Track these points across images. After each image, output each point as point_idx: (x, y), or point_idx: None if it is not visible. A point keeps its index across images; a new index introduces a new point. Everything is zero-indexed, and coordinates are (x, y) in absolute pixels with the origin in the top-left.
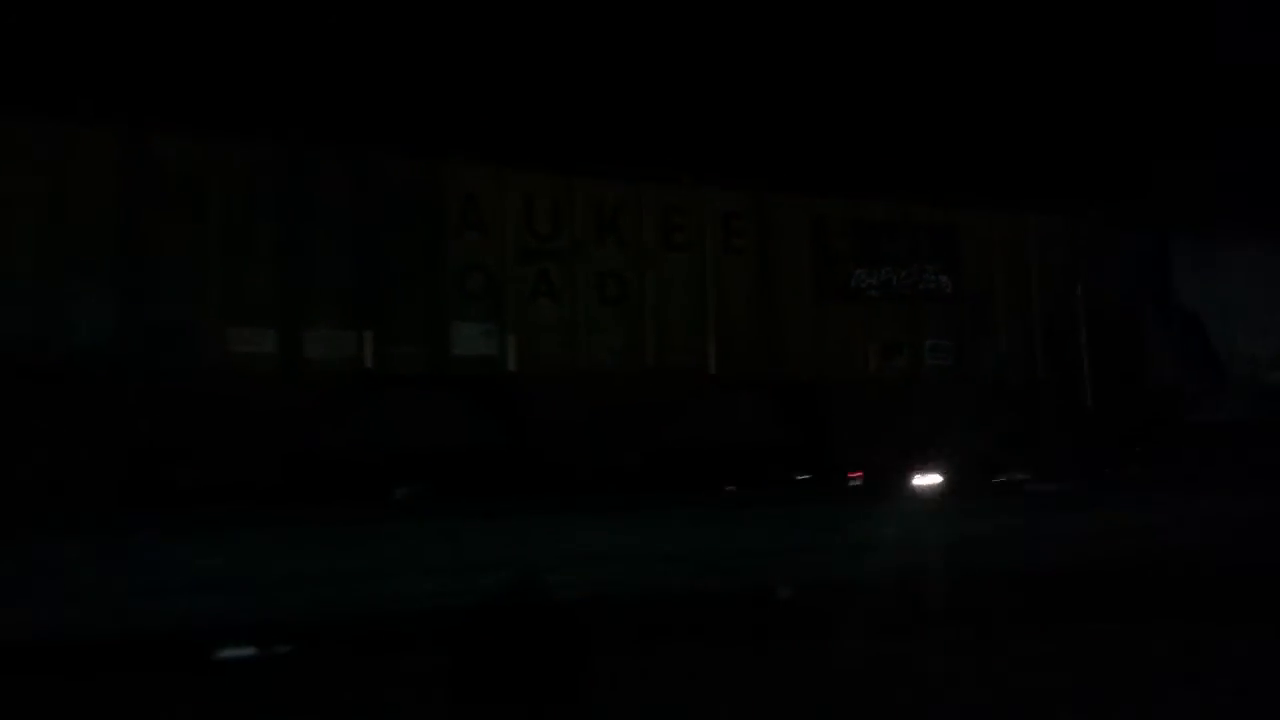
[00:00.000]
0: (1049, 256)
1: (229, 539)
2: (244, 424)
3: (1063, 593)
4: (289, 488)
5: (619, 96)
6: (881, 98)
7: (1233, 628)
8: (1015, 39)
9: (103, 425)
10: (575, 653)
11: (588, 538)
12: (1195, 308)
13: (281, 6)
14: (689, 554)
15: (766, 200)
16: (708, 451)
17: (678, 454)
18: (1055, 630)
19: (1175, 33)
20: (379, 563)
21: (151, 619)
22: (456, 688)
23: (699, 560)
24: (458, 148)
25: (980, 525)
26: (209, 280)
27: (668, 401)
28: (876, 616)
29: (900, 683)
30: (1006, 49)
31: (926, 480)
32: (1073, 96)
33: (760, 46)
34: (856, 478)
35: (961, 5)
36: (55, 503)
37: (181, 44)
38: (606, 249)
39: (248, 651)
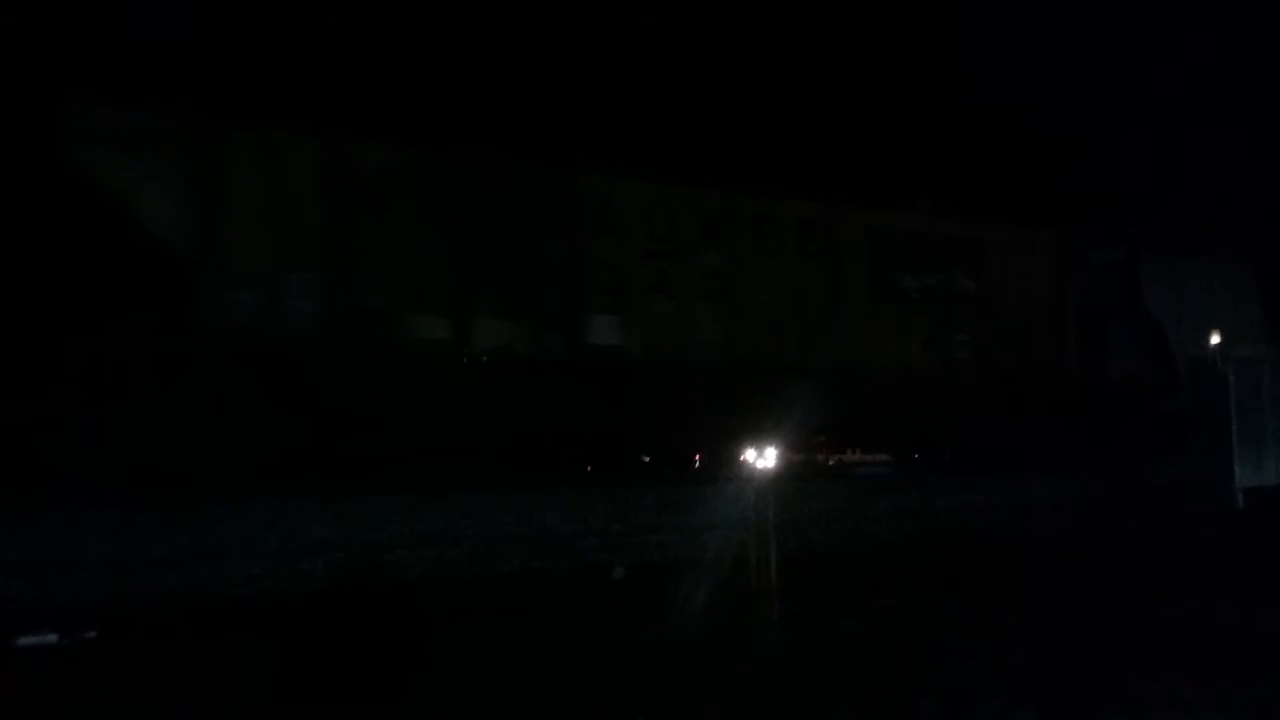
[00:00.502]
0: (1045, 266)
1: (45, 520)
2: (423, 400)
3: (882, 569)
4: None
5: (720, 119)
6: (924, 130)
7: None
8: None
9: (303, 399)
10: (408, 636)
11: (426, 519)
12: (1158, 313)
13: (451, 41)
14: (529, 535)
15: (835, 212)
16: (771, 429)
17: (748, 431)
18: (874, 605)
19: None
20: (205, 545)
21: None
22: (279, 674)
23: (539, 541)
24: (593, 161)
25: (814, 505)
26: (397, 275)
27: (755, 386)
28: (710, 595)
29: (727, 658)
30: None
31: (763, 461)
32: (1066, 132)
33: (832, 89)
34: (700, 458)
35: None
36: (245, 466)
37: (371, 67)
38: (709, 252)
39: (50, 639)
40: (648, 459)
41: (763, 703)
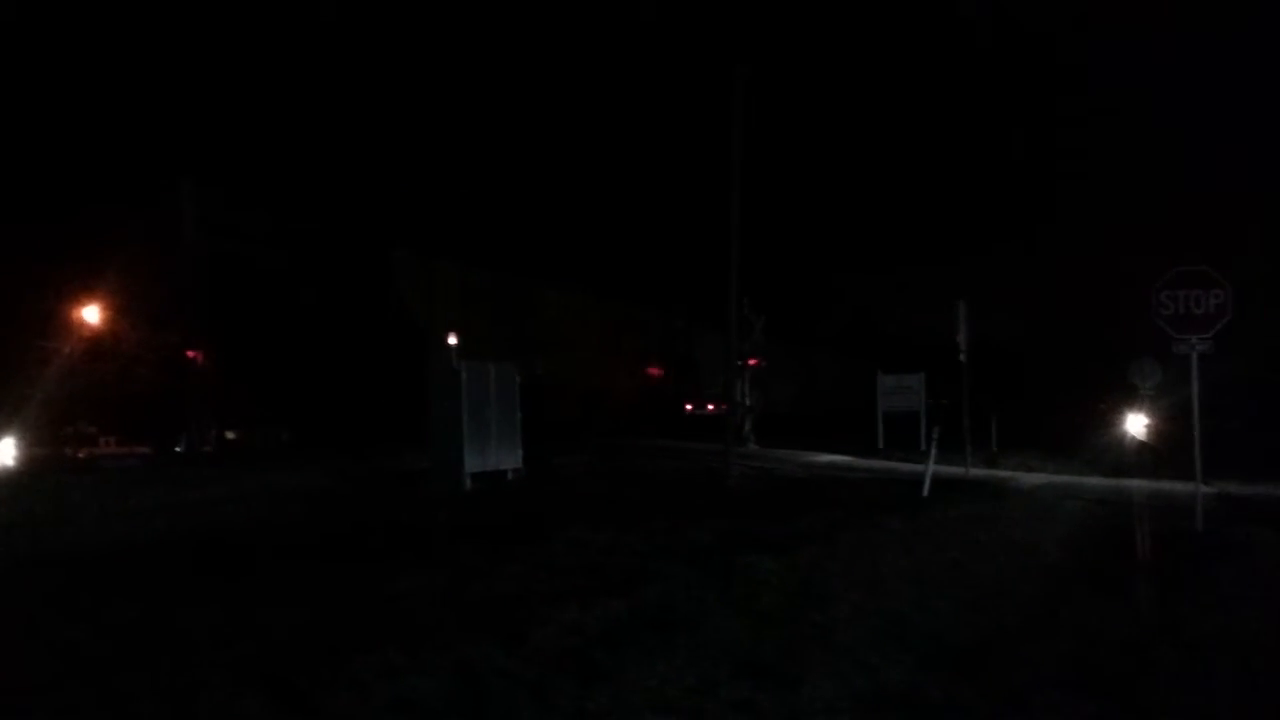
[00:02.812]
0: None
1: None
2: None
3: (121, 568)
4: None
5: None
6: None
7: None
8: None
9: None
10: None
11: None
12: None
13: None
14: None
15: (630, 309)
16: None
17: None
18: (104, 607)
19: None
20: None
21: None
22: None
23: None
24: (542, 279)
25: (46, 504)
26: (490, 340)
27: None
28: None
29: None
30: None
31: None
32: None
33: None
34: None
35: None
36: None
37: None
38: (577, 325)
39: None
40: None
41: None
